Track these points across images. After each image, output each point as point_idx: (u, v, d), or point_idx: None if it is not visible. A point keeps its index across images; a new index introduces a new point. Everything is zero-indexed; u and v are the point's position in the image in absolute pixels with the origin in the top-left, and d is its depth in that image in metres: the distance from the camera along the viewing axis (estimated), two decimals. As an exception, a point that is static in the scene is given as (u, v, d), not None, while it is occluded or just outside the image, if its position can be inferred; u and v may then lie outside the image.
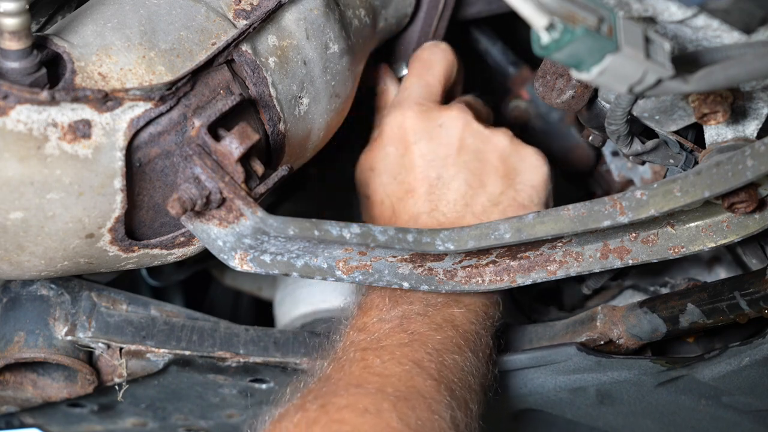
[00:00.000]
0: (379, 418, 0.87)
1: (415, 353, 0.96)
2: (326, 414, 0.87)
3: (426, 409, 0.90)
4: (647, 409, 1.18)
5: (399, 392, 0.90)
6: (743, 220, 0.98)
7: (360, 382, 0.92)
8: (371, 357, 0.95)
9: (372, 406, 0.88)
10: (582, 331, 1.12)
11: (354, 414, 0.87)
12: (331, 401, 0.88)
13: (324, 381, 0.94)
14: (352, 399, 0.89)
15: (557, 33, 0.74)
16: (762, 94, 0.95)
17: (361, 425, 0.86)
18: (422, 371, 0.94)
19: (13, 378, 1.14)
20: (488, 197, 1.11)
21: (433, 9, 1.22)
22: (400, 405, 0.89)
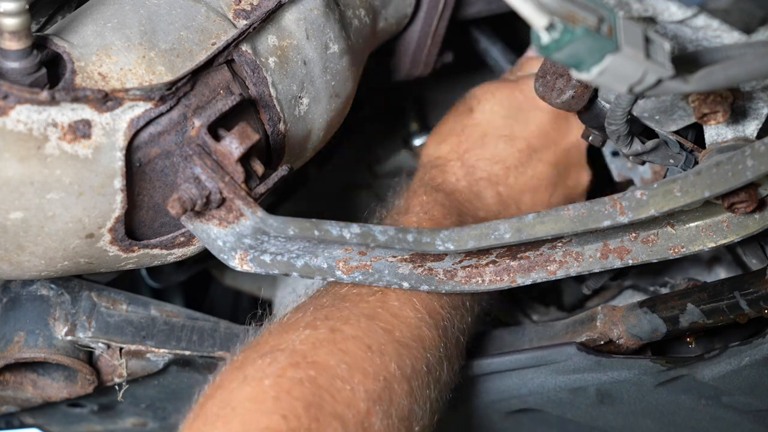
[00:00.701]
0: (380, 359, 0.90)
1: (431, 303, 0.99)
2: (333, 341, 0.89)
3: (422, 361, 0.94)
4: (647, 408, 1.18)
5: (404, 339, 0.93)
6: (743, 220, 0.98)
7: (372, 316, 0.94)
8: (390, 294, 0.98)
9: (376, 345, 0.90)
10: (582, 331, 1.13)
11: (358, 348, 0.89)
12: (341, 328, 0.91)
13: (339, 300, 0.96)
14: (360, 332, 0.91)
15: (557, 33, 0.74)
16: (762, 94, 0.95)
17: (361, 360, 0.88)
18: (432, 323, 0.97)
19: (13, 378, 1.14)
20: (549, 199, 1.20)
21: (433, 9, 1.22)
22: (402, 352, 0.92)
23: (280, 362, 0.86)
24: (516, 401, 1.19)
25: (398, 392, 0.90)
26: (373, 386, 0.88)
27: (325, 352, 0.88)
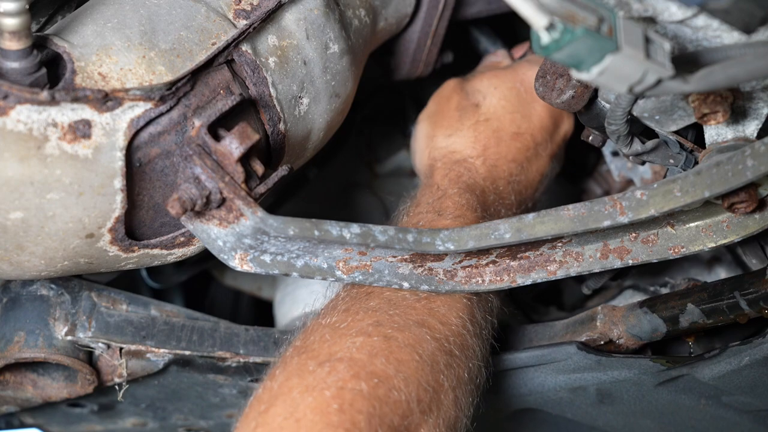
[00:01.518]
0: (431, 369, 0.90)
1: (473, 311, 1.00)
2: (389, 349, 0.89)
3: (466, 369, 0.94)
4: (647, 408, 1.18)
5: (451, 349, 0.94)
6: (743, 220, 0.98)
7: (422, 323, 0.94)
8: (436, 301, 0.98)
9: (428, 356, 0.91)
10: (582, 331, 1.13)
11: (412, 357, 0.89)
12: (394, 336, 0.91)
13: (387, 304, 0.96)
14: (414, 341, 0.91)
15: (557, 33, 0.74)
16: (762, 94, 0.95)
17: (415, 371, 0.89)
18: (474, 331, 0.98)
19: (13, 378, 1.14)
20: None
21: (433, 9, 1.22)
22: (450, 362, 0.92)
23: (340, 372, 0.86)
24: (516, 400, 1.19)
25: (445, 402, 0.90)
26: (424, 397, 0.88)
27: (382, 361, 0.88)
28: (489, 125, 1.17)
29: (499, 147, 1.15)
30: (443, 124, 1.19)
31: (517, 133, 1.16)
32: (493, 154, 1.15)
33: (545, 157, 1.19)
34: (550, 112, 1.18)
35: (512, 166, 1.15)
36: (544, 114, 1.18)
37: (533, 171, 1.17)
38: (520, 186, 1.16)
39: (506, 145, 1.16)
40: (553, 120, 1.19)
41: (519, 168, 1.15)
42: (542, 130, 1.18)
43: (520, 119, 1.17)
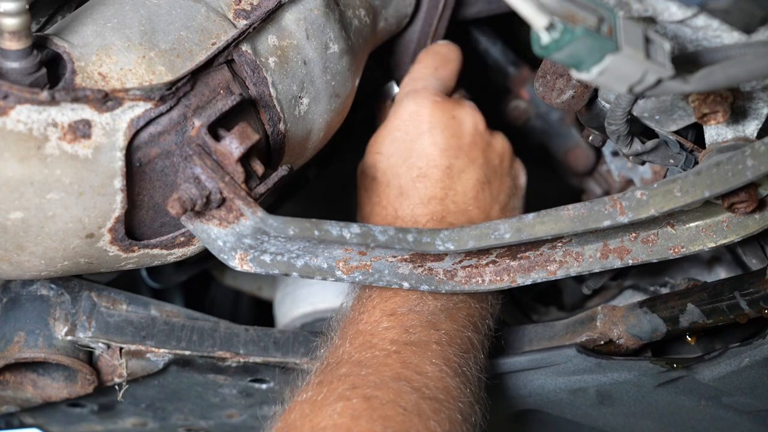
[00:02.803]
0: (419, 418, 0.88)
1: (446, 353, 0.97)
2: (371, 408, 0.87)
3: (456, 411, 0.92)
4: (647, 409, 1.18)
5: (433, 394, 0.92)
6: (743, 220, 0.98)
7: (398, 377, 0.92)
8: (406, 352, 0.96)
9: (412, 406, 0.89)
10: (582, 331, 1.12)
11: (396, 412, 0.88)
12: (374, 394, 0.89)
13: (358, 366, 0.94)
14: (393, 396, 0.89)
15: (557, 33, 0.74)
16: (762, 94, 0.95)
17: (402, 424, 0.87)
18: (452, 372, 0.96)
19: (13, 378, 1.14)
20: (491, 194, 1.16)
21: (433, 9, 1.22)
22: (436, 407, 0.90)
23: None
24: (516, 402, 1.19)
25: None
26: None
27: (367, 420, 0.86)
28: (389, 187, 1.14)
29: (408, 198, 1.13)
30: (361, 214, 1.18)
31: (419, 174, 1.13)
32: (406, 209, 1.12)
33: (465, 171, 1.14)
34: (442, 129, 1.14)
35: (432, 205, 1.12)
36: (437, 137, 1.14)
37: (461, 192, 1.13)
38: (456, 215, 1.12)
39: (414, 193, 1.13)
40: (451, 132, 1.15)
41: (442, 202, 1.12)
42: (444, 153, 1.14)
43: (415, 161, 1.14)
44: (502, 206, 1.17)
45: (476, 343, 1.03)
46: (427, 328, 0.99)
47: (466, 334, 1.02)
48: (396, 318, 1.00)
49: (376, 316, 1.01)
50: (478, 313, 1.05)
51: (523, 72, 1.44)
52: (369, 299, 1.03)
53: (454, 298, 1.04)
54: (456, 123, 1.16)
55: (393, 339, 0.97)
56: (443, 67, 1.21)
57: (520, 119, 1.46)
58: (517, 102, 1.45)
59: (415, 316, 1.00)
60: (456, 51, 1.23)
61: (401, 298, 1.02)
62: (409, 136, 1.15)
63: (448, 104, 1.17)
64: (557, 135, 1.45)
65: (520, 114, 1.45)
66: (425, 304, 1.02)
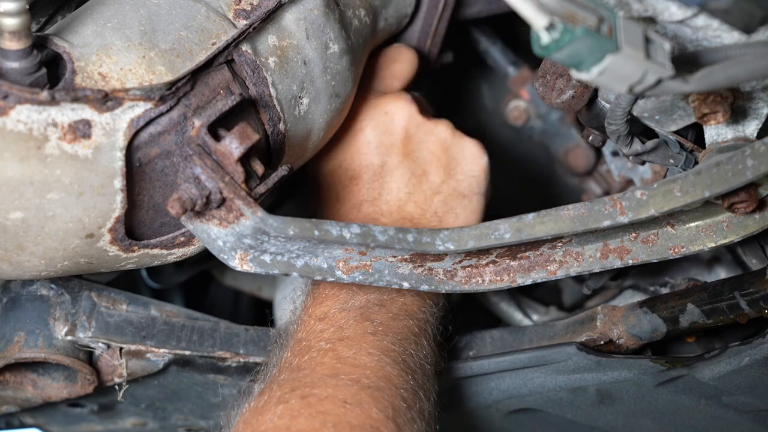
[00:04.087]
0: (360, 408, 0.89)
1: (381, 343, 0.98)
2: (309, 406, 0.88)
3: (399, 398, 0.93)
4: (647, 408, 1.18)
5: (373, 383, 0.92)
6: (743, 220, 0.98)
7: (335, 373, 0.93)
8: (341, 347, 0.97)
9: (351, 398, 0.90)
10: (582, 331, 1.13)
11: (335, 405, 0.88)
12: (311, 392, 0.90)
13: (296, 371, 0.95)
14: (331, 390, 0.90)
15: (557, 33, 0.74)
16: (762, 94, 0.95)
17: (343, 415, 0.87)
18: (391, 361, 0.96)
19: (13, 378, 1.14)
20: (430, 186, 1.14)
21: (433, 9, 1.22)
22: (376, 395, 0.91)
23: None
24: (516, 401, 1.19)
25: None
26: None
27: (306, 418, 0.87)
28: (330, 194, 1.14)
29: (339, 205, 1.13)
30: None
31: (348, 179, 1.13)
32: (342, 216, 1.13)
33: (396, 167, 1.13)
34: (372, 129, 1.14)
35: (365, 209, 1.12)
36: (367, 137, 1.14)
37: (394, 190, 1.13)
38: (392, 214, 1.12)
39: (343, 197, 1.13)
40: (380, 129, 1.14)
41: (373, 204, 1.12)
42: (375, 151, 1.13)
43: (350, 161, 1.14)
44: (445, 196, 1.14)
45: (416, 330, 1.02)
46: (360, 322, 1.00)
47: (402, 323, 1.02)
48: (329, 319, 1.01)
49: (310, 323, 1.02)
50: (413, 301, 1.05)
51: (523, 72, 1.44)
52: (304, 309, 1.05)
53: (386, 290, 1.04)
54: (388, 118, 1.15)
55: (327, 338, 0.98)
56: (387, 67, 1.20)
57: (520, 119, 1.46)
58: (517, 102, 1.45)
59: (346, 313, 1.01)
60: (407, 52, 1.21)
61: (332, 300, 1.03)
62: (345, 137, 1.15)
63: (381, 100, 1.16)
64: (557, 135, 1.45)
65: (520, 114, 1.45)
66: (356, 300, 1.03)
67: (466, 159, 1.16)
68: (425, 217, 1.13)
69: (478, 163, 1.16)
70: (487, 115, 1.53)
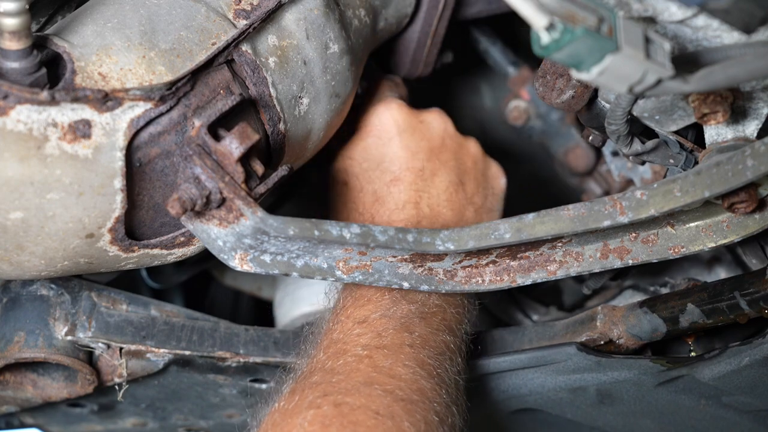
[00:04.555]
0: (392, 421, 0.87)
1: (419, 355, 0.97)
2: (341, 414, 0.87)
3: (432, 412, 0.92)
4: (647, 408, 1.18)
5: (407, 395, 0.91)
6: (743, 220, 0.98)
7: (370, 382, 0.92)
8: (378, 356, 0.95)
9: (384, 409, 0.88)
10: (582, 331, 1.13)
11: (367, 416, 0.87)
12: (344, 401, 0.88)
13: (330, 374, 0.94)
14: (365, 400, 0.89)
15: (557, 33, 0.74)
16: (762, 94, 0.95)
17: (374, 427, 0.86)
18: (426, 374, 0.95)
19: (13, 378, 1.14)
20: (465, 195, 1.16)
21: (433, 9, 1.22)
22: (409, 408, 0.90)
23: None
24: (516, 401, 1.19)
25: None
26: None
27: (337, 427, 0.86)
28: (365, 194, 1.15)
29: (383, 205, 1.14)
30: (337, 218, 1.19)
31: (393, 179, 1.14)
32: (382, 215, 1.13)
33: (437, 174, 1.15)
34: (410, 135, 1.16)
35: (407, 211, 1.13)
36: (406, 141, 1.16)
37: (434, 195, 1.14)
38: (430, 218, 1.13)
39: (388, 198, 1.14)
40: (418, 137, 1.16)
41: (415, 206, 1.13)
42: (414, 157, 1.15)
43: (388, 166, 1.15)
44: (476, 208, 1.17)
45: (452, 347, 1.02)
46: (399, 332, 0.99)
47: (441, 338, 1.01)
48: (368, 324, 1.00)
49: (348, 324, 1.01)
50: (453, 317, 1.05)
51: (523, 72, 1.44)
52: (343, 309, 1.03)
53: (429, 302, 1.04)
54: (425, 126, 1.18)
55: (365, 344, 0.97)
56: (397, 87, 1.25)
57: (520, 119, 1.46)
58: (517, 102, 1.45)
59: (387, 320, 1.00)
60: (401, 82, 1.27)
61: (374, 305, 1.02)
62: (381, 140, 1.16)
63: (415, 110, 1.19)
64: (557, 135, 1.45)
65: (520, 114, 1.45)
66: (398, 309, 1.02)
67: (491, 177, 1.21)
68: (459, 225, 1.12)
69: (499, 183, 1.21)
70: (487, 115, 1.53)
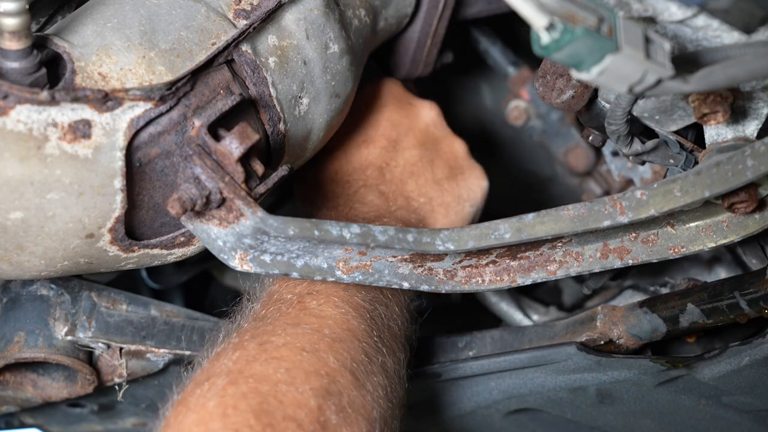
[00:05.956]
0: (316, 356, 0.90)
1: (351, 298, 0.99)
2: (265, 351, 0.89)
3: (360, 351, 0.94)
4: (647, 408, 1.18)
5: (335, 333, 0.94)
6: (743, 220, 0.98)
7: (297, 322, 0.94)
8: (308, 299, 0.98)
9: (309, 346, 0.91)
10: (582, 331, 1.13)
11: (292, 352, 0.89)
12: (269, 340, 0.91)
13: (260, 320, 0.96)
14: (290, 338, 0.91)
15: (557, 33, 0.74)
16: (762, 94, 0.95)
17: (299, 362, 0.89)
18: (357, 315, 0.98)
19: (13, 378, 1.14)
20: (433, 175, 1.19)
21: (433, 9, 1.22)
22: (336, 346, 0.92)
23: (218, 385, 0.85)
24: (516, 401, 1.19)
25: (344, 384, 0.89)
26: (318, 383, 0.87)
27: (260, 363, 0.88)
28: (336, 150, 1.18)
29: (348, 163, 1.17)
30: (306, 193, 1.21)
31: (365, 140, 1.18)
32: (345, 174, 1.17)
33: (410, 149, 1.19)
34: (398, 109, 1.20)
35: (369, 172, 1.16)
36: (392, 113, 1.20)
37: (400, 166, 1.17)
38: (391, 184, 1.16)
39: (356, 156, 1.17)
40: (406, 114, 1.21)
41: (379, 170, 1.16)
42: (394, 128, 1.19)
43: (367, 128, 1.19)
44: (446, 189, 1.19)
45: (389, 295, 1.04)
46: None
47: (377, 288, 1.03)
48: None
49: (282, 280, 1.03)
50: None
51: (523, 72, 1.44)
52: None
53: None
54: (413, 109, 1.22)
55: (297, 292, 1.00)
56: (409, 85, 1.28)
57: (520, 119, 1.46)
58: (517, 102, 1.45)
59: None
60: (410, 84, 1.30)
61: None
62: (369, 108, 1.20)
63: (410, 93, 1.23)
64: (557, 135, 1.45)
65: (520, 114, 1.45)
66: None
67: (470, 176, 1.22)
68: (419, 200, 1.17)
69: (479, 184, 1.22)
70: (487, 115, 1.53)
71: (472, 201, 1.20)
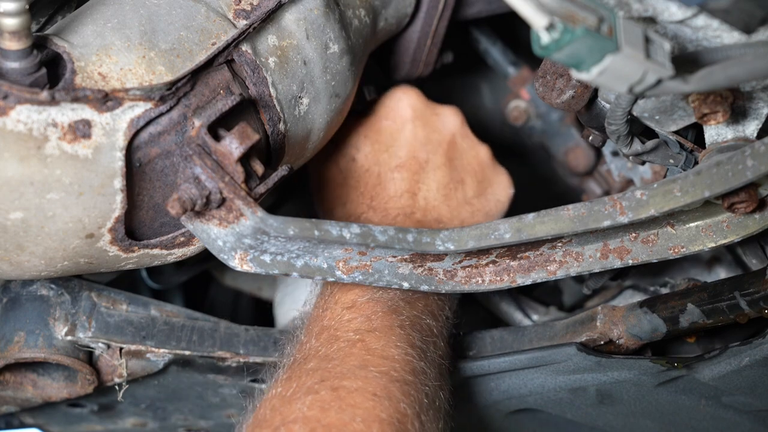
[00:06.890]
0: (389, 401, 0.89)
1: (409, 337, 0.99)
2: (339, 398, 0.88)
3: (423, 394, 0.94)
4: (647, 409, 1.18)
5: (401, 376, 0.93)
6: (743, 220, 0.98)
7: (365, 365, 0.94)
8: (370, 339, 0.97)
9: (381, 390, 0.90)
10: (582, 331, 1.13)
11: (365, 398, 0.89)
12: (341, 384, 0.90)
13: (325, 360, 0.95)
14: (361, 383, 0.91)
15: (557, 33, 0.74)
16: (762, 94, 0.95)
17: (372, 409, 0.88)
18: (417, 355, 0.97)
19: (13, 378, 1.14)
20: (464, 195, 1.19)
21: (433, 9, 1.22)
22: (405, 389, 0.92)
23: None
24: (516, 401, 1.19)
25: (414, 430, 0.90)
26: (390, 431, 0.87)
27: (336, 411, 0.87)
28: (370, 174, 1.18)
29: (384, 190, 1.17)
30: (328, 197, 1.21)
31: (398, 166, 1.17)
32: (381, 200, 1.16)
33: (439, 168, 1.18)
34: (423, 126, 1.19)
35: (404, 199, 1.16)
36: (418, 131, 1.19)
37: (433, 189, 1.17)
38: (425, 211, 1.15)
39: (390, 184, 1.17)
40: (430, 130, 1.19)
41: (412, 197, 1.16)
42: (421, 148, 1.18)
43: (395, 152, 1.18)
44: (474, 209, 1.20)
45: (435, 331, 1.04)
46: (388, 314, 1.01)
47: (426, 321, 1.04)
48: (356, 309, 1.02)
49: (337, 310, 1.02)
50: (435, 303, 1.08)
51: (523, 72, 1.44)
52: (330, 295, 1.05)
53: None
54: (439, 120, 1.21)
55: (356, 329, 0.99)
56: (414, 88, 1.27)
57: (520, 119, 1.46)
58: (517, 102, 1.45)
59: (375, 303, 1.02)
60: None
61: (360, 289, 1.04)
62: (395, 124, 1.19)
63: (432, 102, 1.23)
64: (557, 135, 1.45)
65: (520, 114, 1.45)
66: (385, 292, 1.04)
67: (497, 184, 1.23)
68: (452, 223, 1.17)
69: (506, 192, 1.23)
70: (487, 115, 1.53)
71: (500, 214, 1.22)
